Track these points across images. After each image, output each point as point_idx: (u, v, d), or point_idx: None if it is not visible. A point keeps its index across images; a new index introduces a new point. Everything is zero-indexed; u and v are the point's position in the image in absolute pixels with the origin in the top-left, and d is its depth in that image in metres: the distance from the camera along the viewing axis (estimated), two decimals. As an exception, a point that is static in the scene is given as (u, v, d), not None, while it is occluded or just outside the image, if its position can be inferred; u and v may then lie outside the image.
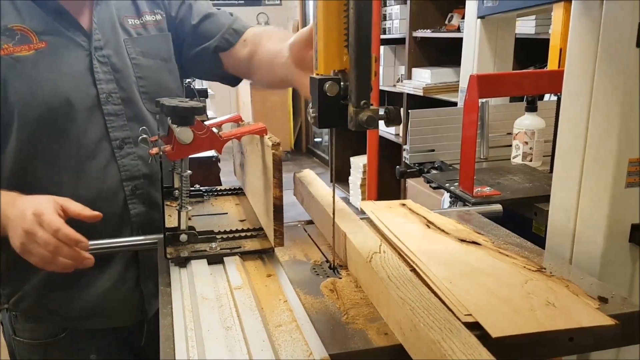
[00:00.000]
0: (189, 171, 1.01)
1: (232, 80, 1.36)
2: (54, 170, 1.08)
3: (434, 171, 1.92)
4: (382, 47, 4.07)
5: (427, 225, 1.09)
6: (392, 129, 4.19)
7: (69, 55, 1.10)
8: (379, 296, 0.79)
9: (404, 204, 1.21)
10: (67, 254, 0.92)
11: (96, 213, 0.97)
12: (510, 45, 2.08)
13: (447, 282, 0.84)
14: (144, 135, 0.98)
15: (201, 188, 1.31)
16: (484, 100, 1.92)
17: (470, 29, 2.13)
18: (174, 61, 1.26)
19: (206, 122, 1.02)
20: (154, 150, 0.96)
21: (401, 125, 4.01)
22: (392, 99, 4.31)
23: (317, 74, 0.82)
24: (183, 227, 1.00)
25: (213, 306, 0.80)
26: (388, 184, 4.07)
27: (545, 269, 0.91)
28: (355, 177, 4.78)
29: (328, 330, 0.75)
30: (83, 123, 1.10)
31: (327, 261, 0.97)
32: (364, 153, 4.04)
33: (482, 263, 0.92)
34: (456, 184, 1.59)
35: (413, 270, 0.91)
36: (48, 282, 1.13)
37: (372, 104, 0.80)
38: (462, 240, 1.01)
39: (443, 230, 1.06)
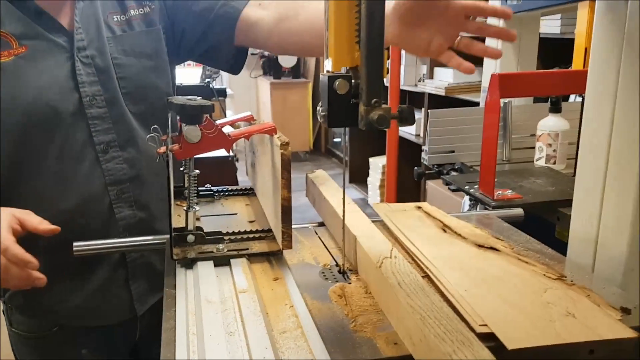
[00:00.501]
0: (197, 171, 0.99)
1: (236, 67, 1.29)
2: (39, 177, 1.06)
3: (453, 173, 1.87)
4: (403, 47, 4.02)
5: (443, 230, 1.05)
6: (412, 129, 4.14)
7: (51, 59, 1.05)
8: (389, 303, 0.76)
9: (419, 207, 1.17)
10: (16, 274, 0.90)
11: (54, 227, 0.95)
12: (534, 44, 2.03)
13: (462, 290, 0.81)
14: (153, 134, 0.96)
15: (212, 188, 1.29)
16: (506, 100, 1.88)
17: (492, 27, 2.08)
18: (164, 57, 1.19)
19: (218, 121, 1.00)
20: (162, 149, 0.94)
21: (422, 126, 3.96)
22: (413, 99, 4.26)
23: (327, 72, 0.79)
24: (190, 227, 0.98)
25: (217, 310, 0.78)
26: (407, 186, 4.02)
27: (565, 277, 0.86)
28: (374, 177, 4.74)
29: (334, 338, 0.72)
30: (67, 128, 1.06)
31: (337, 265, 0.94)
32: (383, 153, 4.01)
33: (499, 270, 0.88)
34: (476, 186, 1.54)
35: (426, 276, 0.88)
36: None
37: (384, 103, 0.77)
38: (480, 246, 0.97)
39: (460, 235, 1.02)
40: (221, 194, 1.28)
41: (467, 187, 1.57)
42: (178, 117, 0.96)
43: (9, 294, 1.17)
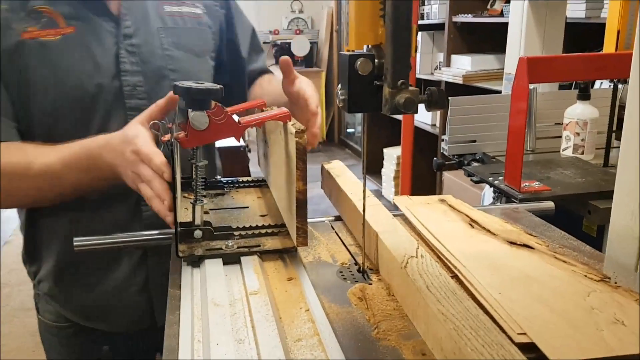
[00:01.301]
0: (205, 161, 0.91)
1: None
2: None
3: (474, 164, 1.79)
4: (419, 34, 3.92)
5: (471, 225, 0.97)
6: (428, 119, 4.04)
7: (96, 43, 1.01)
8: (416, 309, 0.68)
9: (443, 200, 1.09)
10: (159, 188, 0.85)
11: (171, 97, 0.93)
12: (560, 29, 1.94)
13: (496, 293, 0.73)
14: (157, 120, 0.88)
15: (222, 179, 1.21)
16: (531, 87, 1.78)
17: (516, 12, 1.99)
18: (209, 60, 1.17)
19: (228, 108, 0.93)
20: (166, 136, 0.86)
21: (438, 115, 3.86)
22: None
23: (347, 50, 0.71)
24: (198, 222, 0.90)
25: (225, 314, 0.71)
26: (423, 177, 3.93)
27: (609, 278, 0.78)
28: (388, 169, 4.64)
29: (355, 347, 0.64)
30: (103, 116, 1.02)
31: (356, 264, 0.87)
32: (398, 144, 3.91)
33: (536, 270, 0.80)
34: (501, 177, 1.46)
35: (455, 276, 0.80)
36: (59, 270, 1.10)
37: (411, 85, 0.69)
38: (512, 243, 0.89)
39: (489, 231, 0.94)
40: (231, 185, 1.20)
41: (491, 178, 1.48)
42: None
43: (37, 279, 1.14)
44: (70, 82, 0.98)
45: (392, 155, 4.54)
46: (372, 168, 4.95)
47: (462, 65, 3.50)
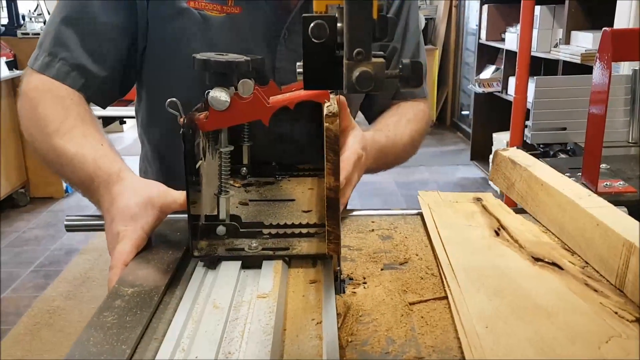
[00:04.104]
0: (230, 146, 0.79)
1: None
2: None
3: (562, 155, 1.55)
4: (537, 7, 3.55)
5: (496, 232, 0.80)
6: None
7: (258, 32, 0.95)
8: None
9: (478, 199, 0.92)
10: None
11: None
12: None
13: (482, 325, 0.57)
14: (174, 99, 0.77)
15: (276, 165, 1.04)
16: (637, 67, 1.50)
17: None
18: None
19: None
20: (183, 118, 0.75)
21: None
22: (547, 68, 3.78)
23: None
24: (222, 216, 0.78)
25: (221, 319, 0.60)
26: (533, 165, 3.59)
27: (653, 320, 0.59)
28: (498, 155, 4.31)
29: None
30: None
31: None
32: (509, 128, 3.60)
33: (553, 298, 0.62)
34: (579, 173, 1.23)
35: (445, 298, 0.64)
36: None
37: (379, 56, 0.54)
38: (538, 260, 0.71)
39: (517, 241, 0.76)
40: (284, 173, 1.04)
41: (568, 174, 1.26)
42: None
43: None
44: None
45: (502, 140, 4.21)
46: (481, 153, 4.64)
47: (583, 43, 3.11)
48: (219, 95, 0.71)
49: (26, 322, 0.76)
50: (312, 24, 0.56)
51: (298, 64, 0.60)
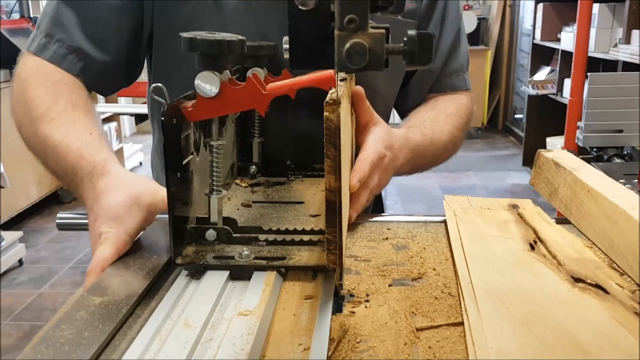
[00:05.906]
0: (222, 140, 0.70)
1: None
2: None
3: (617, 160, 1.40)
4: (596, 5, 3.34)
5: (532, 245, 0.68)
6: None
7: (275, 16, 0.89)
8: None
9: (514, 206, 0.80)
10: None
11: None
12: None
13: (499, 363, 0.46)
14: (160, 84, 0.70)
15: (290, 164, 0.95)
16: None
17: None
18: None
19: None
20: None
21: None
22: (605, 69, 3.55)
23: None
24: (214, 219, 0.69)
25: (189, 340, 0.51)
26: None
27: None
28: (552, 160, 4.10)
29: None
30: None
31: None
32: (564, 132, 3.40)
33: (592, 331, 0.51)
34: (635, 180, 1.09)
35: (460, 324, 0.54)
36: None
37: (380, 29, 0.44)
38: (578, 280, 0.59)
39: (555, 257, 0.65)
40: (298, 173, 0.95)
41: (622, 180, 1.11)
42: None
43: None
44: None
45: (556, 145, 4.00)
46: (532, 159, 4.43)
47: (645, 42, 2.90)
48: (206, 81, 0.62)
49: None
50: (298, -10, 0.46)
51: (285, 38, 0.50)
